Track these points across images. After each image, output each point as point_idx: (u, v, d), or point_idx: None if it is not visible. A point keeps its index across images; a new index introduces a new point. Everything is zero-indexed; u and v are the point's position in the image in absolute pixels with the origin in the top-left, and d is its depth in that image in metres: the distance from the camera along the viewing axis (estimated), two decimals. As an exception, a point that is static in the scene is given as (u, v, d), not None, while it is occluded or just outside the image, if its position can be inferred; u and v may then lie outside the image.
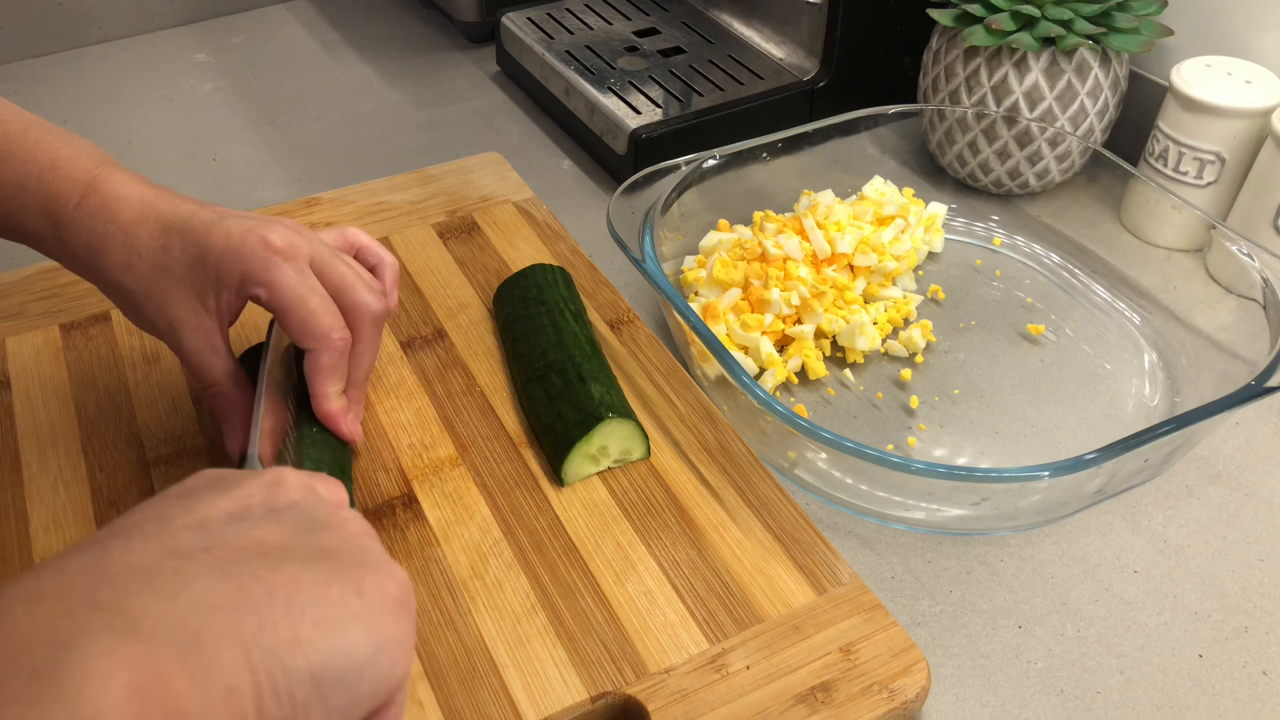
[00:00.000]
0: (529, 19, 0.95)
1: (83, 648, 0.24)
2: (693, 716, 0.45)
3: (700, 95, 0.84)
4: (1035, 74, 0.73)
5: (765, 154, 0.72)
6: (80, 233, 0.49)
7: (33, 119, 0.51)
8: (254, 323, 0.64)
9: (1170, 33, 0.74)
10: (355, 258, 0.57)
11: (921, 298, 0.71)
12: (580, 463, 0.54)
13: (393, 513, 0.53)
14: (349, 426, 0.53)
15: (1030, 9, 0.71)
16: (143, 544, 0.29)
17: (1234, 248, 0.63)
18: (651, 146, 0.79)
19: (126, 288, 0.50)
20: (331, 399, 0.52)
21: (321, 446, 0.51)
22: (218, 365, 0.51)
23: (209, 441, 0.57)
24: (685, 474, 0.55)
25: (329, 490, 0.36)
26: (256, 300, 0.49)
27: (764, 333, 0.65)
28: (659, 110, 0.82)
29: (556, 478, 0.55)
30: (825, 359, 0.66)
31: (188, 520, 0.31)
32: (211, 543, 0.30)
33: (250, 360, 0.55)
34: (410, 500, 0.54)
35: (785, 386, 0.65)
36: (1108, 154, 0.72)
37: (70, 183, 0.49)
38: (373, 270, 0.57)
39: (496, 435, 0.58)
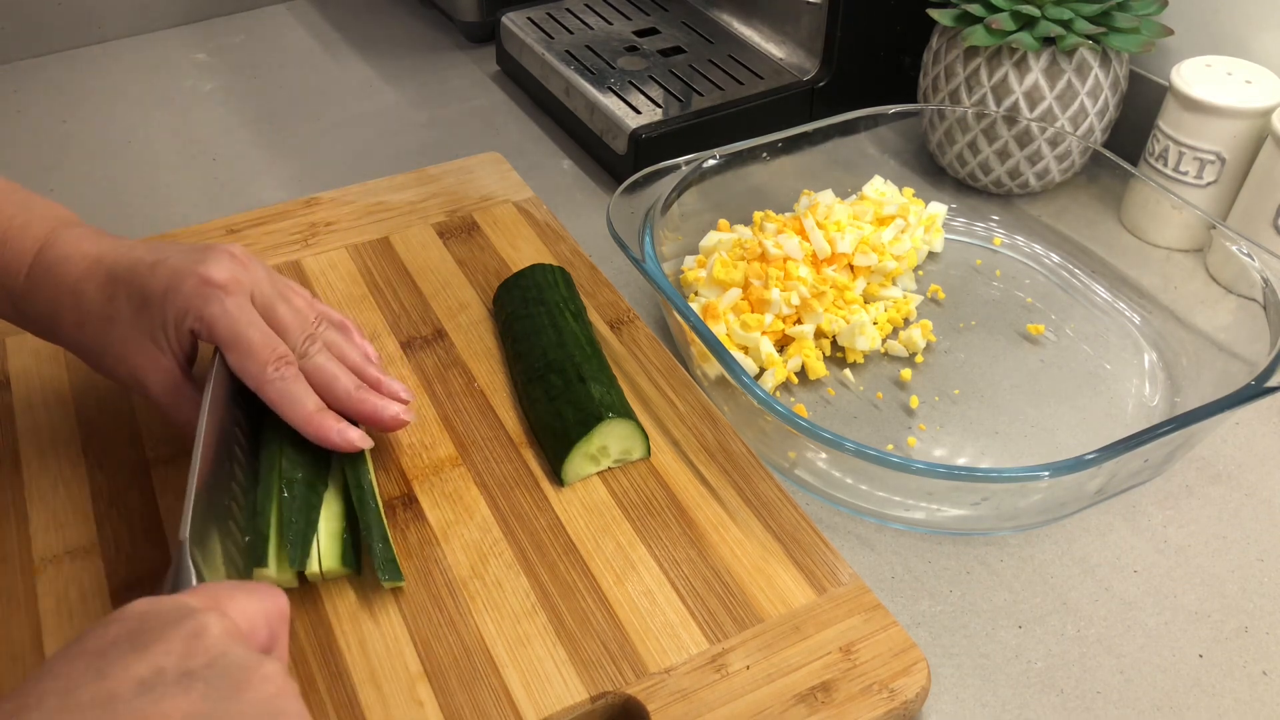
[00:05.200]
0: (529, 19, 0.95)
1: None
2: (693, 716, 0.45)
3: (700, 95, 0.84)
4: (1035, 74, 0.73)
5: (765, 154, 0.72)
6: (34, 303, 0.50)
7: None
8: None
9: (1170, 33, 0.74)
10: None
11: (921, 298, 0.71)
12: (580, 463, 0.54)
13: (393, 513, 0.53)
14: (339, 437, 0.50)
15: (1030, 9, 0.71)
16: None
17: (1234, 248, 0.63)
18: (651, 146, 0.79)
19: (84, 345, 0.50)
20: (308, 422, 0.50)
21: (295, 465, 0.51)
22: (185, 404, 0.50)
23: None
24: (685, 474, 0.55)
25: (255, 617, 0.35)
26: (197, 336, 0.49)
27: (764, 333, 0.65)
28: (659, 110, 0.82)
29: (556, 478, 0.55)
30: (825, 359, 0.66)
31: (95, 692, 0.29)
32: None
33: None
34: (410, 500, 0.54)
35: (785, 386, 0.65)
36: (1108, 154, 0.72)
37: (18, 256, 0.49)
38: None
39: (496, 435, 0.57)
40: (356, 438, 0.51)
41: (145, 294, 0.48)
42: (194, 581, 0.40)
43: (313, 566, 0.49)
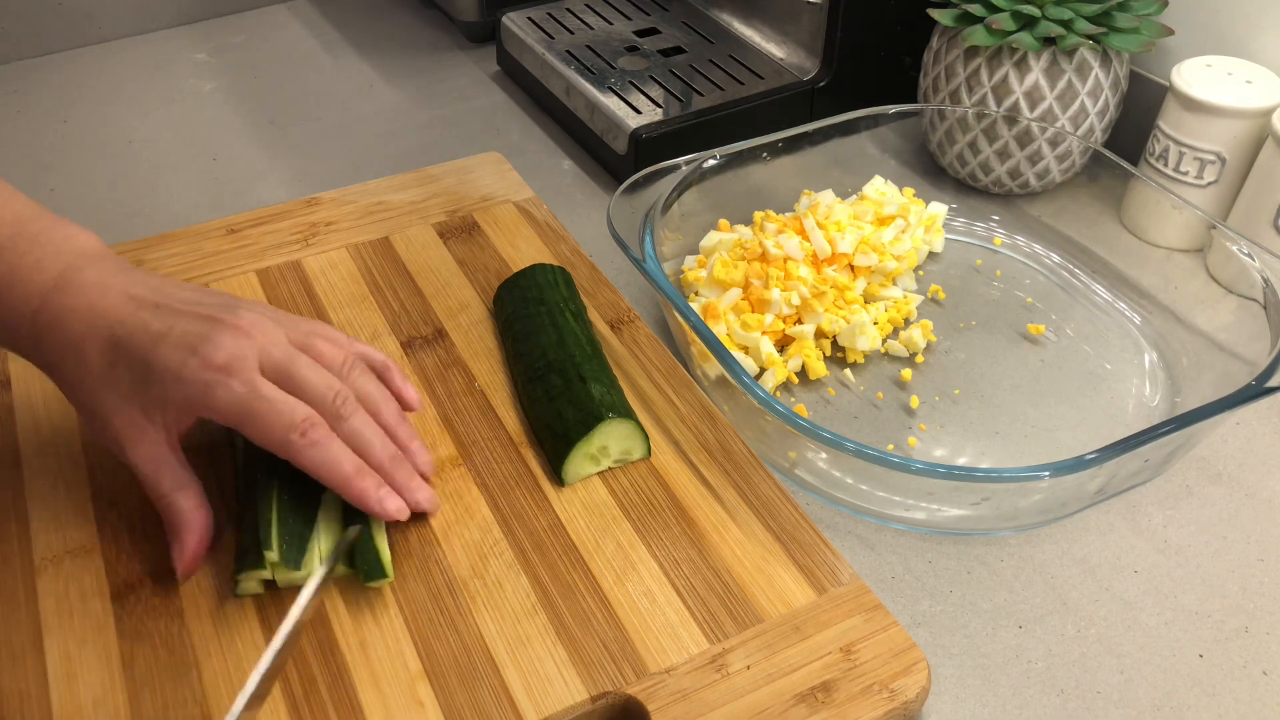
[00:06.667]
0: (529, 19, 0.95)
1: None
2: (693, 716, 0.45)
3: (700, 95, 0.84)
4: (1035, 74, 0.73)
5: (765, 154, 0.72)
6: (39, 351, 0.49)
7: (3, 214, 0.49)
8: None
9: (1170, 33, 0.74)
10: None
11: (922, 298, 0.71)
12: (580, 463, 0.54)
13: (393, 513, 0.53)
14: (378, 506, 0.49)
15: (1031, 9, 0.71)
16: None
17: (1234, 248, 0.63)
18: (652, 146, 0.79)
19: (78, 401, 0.49)
20: (347, 486, 0.49)
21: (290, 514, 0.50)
22: (166, 477, 0.49)
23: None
24: (685, 474, 0.55)
25: None
26: (209, 419, 0.48)
27: (764, 333, 0.65)
28: (659, 110, 0.82)
29: (557, 478, 0.55)
30: (825, 359, 0.66)
31: None
32: None
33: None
34: (410, 500, 0.54)
35: (785, 386, 0.65)
36: (1108, 154, 0.72)
37: (25, 299, 0.48)
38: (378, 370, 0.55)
39: (496, 435, 0.58)
40: (395, 509, 0.50)
41: (146, 370, 0.47)
42: None
43: (312, 566, 0.49)
